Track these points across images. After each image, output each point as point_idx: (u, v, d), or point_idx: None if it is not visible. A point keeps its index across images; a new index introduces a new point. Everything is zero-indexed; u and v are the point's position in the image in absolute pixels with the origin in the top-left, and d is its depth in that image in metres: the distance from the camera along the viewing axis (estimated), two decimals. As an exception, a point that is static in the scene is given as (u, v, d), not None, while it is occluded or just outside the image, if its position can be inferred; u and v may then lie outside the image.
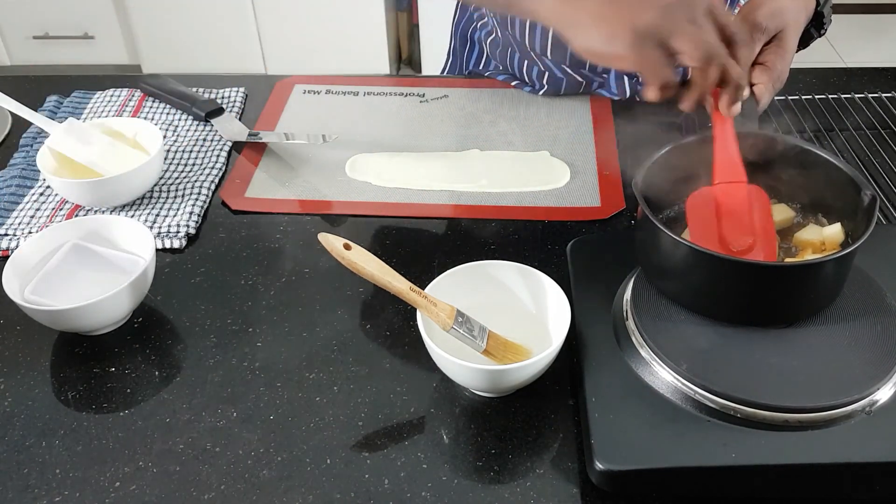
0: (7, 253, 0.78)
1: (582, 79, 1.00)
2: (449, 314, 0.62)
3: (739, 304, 0.61)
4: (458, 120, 0.99)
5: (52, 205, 0.85)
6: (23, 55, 2.81)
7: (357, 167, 0.91)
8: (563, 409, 0.63)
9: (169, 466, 0.60)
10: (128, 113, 1.01)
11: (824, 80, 1.06)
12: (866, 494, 0.57)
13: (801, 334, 0.61)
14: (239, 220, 0.84)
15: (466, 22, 1.12)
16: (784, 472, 0.55)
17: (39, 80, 1.09)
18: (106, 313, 0.68)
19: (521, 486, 0.58)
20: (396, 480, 0.58)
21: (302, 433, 0.62)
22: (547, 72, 1.00)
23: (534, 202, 0.85)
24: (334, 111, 1.02)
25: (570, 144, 0.94)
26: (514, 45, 1.02)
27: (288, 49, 2.71)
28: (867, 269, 0.65)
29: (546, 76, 1.01)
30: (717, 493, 0.56)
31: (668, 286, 0.64)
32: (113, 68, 2.82)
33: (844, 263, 0.61)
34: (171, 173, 0.90)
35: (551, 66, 0.99)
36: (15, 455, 0.61)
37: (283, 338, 0.70)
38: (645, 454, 0.55)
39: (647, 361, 0.61)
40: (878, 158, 0.88)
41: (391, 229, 0.82)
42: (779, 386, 0.57)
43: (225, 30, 2.67)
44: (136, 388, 0.66)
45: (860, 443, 0.55)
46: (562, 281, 0.66)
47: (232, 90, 1.05)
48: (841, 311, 0.62)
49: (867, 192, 0.61)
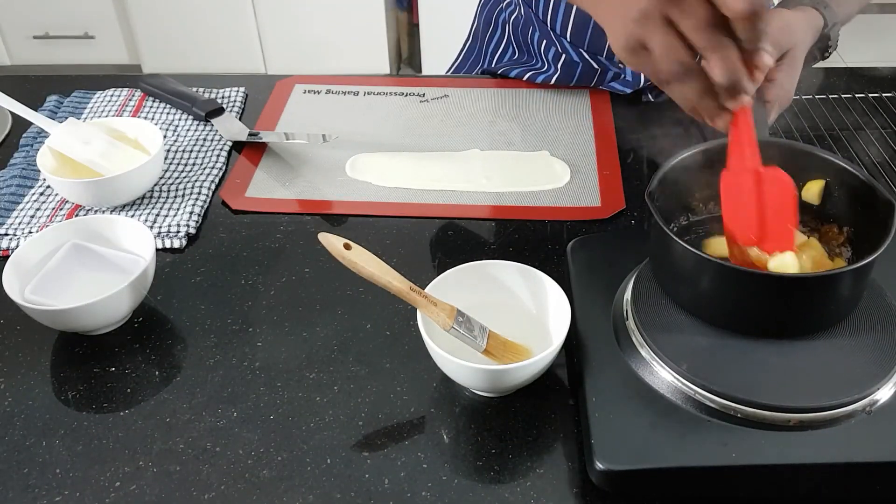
0: (7, 253, 0.78)
1: (597, 65, 1.00)
2: (449, 314, 0.62)
3: (755, 316, 0.60)
4: (458, 120, 0.99)
5: (52, 205, 0.85)
6: (23, 55, 2.81)
7: (357, 167, 0.91)
8: (563, 409, 0.63)
9: (169, 466, 0.60)
10: (128, 113, 1.01)
11: (824, 80, 1.06)
12: (866, 494, 0.56)
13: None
14: (239, 220, 0.84)
15: (493, 4, 1.13)
16: (784, 472, 0.55)
17: (39, 80, 1.09)
18: (106, 313, 0.68)
19: (521, 486, 0.58)
20: (396, 480, 0.58)
21: (302, 433, 0.62)
22: (564, 54, 1.01)
23: (534, 202, 0.85)
24: (334, 111, 1.02)
25: (570, 144, 0.94)
26: (535, 24, 1.02)
27: (288, 49, 2.71)
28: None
29: (562, 59, 1.01)
30: (718, 493, 0.56)
31: (687, 299, 0.62)
32: (113, 68, 2.83)
33: (865, 273, 0.59)
34: (171, 173, 0.90)
35: (569, 48, 1.00)
36: (15, 455, 0.61)
37: (283, 338, 0.70)
38: (645, 454, 0.55)
39: (647, 361, 0.61)
40: (878, 159, 0.88)
41: (391, 229, 0.82)
42: (779, 386, 0.57)
43: (225, 30, 2.67)
44: (136, 388, 0.66)
45: (860, 443, 0.55)
46: (562, 281, 0.66)
47: (232, 90, 1.05)
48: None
49: (884, 198, 0.60)
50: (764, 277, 0.59)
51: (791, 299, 0.58)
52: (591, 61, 1.00)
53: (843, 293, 0.59)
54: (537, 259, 0.77)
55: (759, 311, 0.60)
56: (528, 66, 1.05)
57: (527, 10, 1.03)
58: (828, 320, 0.61)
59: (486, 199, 0.86)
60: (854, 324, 0.61)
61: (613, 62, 1.00)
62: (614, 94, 1.02)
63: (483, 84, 1.07)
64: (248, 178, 0.90)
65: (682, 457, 0.55)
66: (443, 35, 2.35)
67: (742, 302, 0.60)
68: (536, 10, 1.01)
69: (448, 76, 1.14)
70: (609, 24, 0.60)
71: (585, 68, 1.00)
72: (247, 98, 1.05)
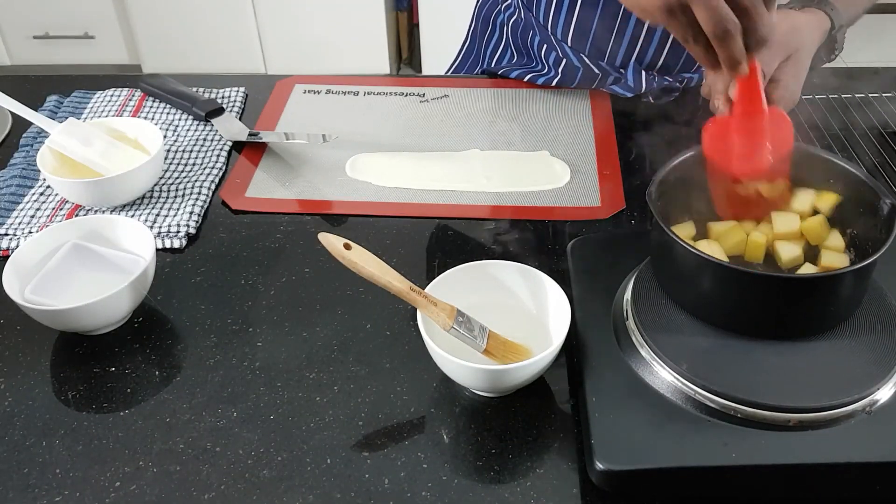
0: (7, 253, 0.78)
1: (598, 71, 1.00)
2: (449, 314, 0.62)
3: (755, 316, 0.60)
4: (458, 120, 0.99)
5: (52, 205, 0.85)
6: (23, 55, 2.81)
7: (357, 167, 0.91)
8: (563, 409, 0.63)
9: (169, 466, 0.60)
10: (128, 113, 1.01)
11: (824, 80, 1.06)
12: (866, 494, 0.56)
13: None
14: (239, 220, 0.84)
15: (491, 6, 1.12)
16: (784, 472, 0.55)
17: (39, 80, 1.09)
18: (106, 313, 0.68)
19: (521, 486, 0.58)
20: (396, 480, 0.58)
21: (302, 433, 0.62)
22: (565, 59, 1.00)
23: (534, 202, 0.85)
24: (334, 111, 1.02)
25: (570, 144, 0.94)
26: (535, 28, 1.02)
27: (288, 49, 2.71)
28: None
29: (563, 63, 1.01)
30: (718, 493, 0.56)
31: (687, 300, 0.63)
32: (113, 68, 2.83)
33: (866, 273, 0.59)
34: (171, 173, 0.90)
35: (570, 53, 1.00)
36: (15, 455, 0.61)
37: (283, 338, 0.70)
38: (645, 454, 0.55)
39: (647, 361, 0.61)
40: (878, 159, 0.88)
41: (391, 229, 0.82)
42: (779, 386, 0.57)
43: (225, 30, 2.67)
44: (136, 388, 0.66)
45: (860, 443, 0.55)
46: (562, 281, 0.66)
47: (232, 90, 1.05)
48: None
49: (886, 200, 0.60)
50: (765, 278, 0.59)
51: (792, 299, 0.58)
52: (592, 66, 1.00)
53: (845, 294, 0.59)
54: (537, 259, 0.77)
55: (759, 311, 0.60)
56: (528, 69, 1.05)
57: (527, 14, 1.03)
58: (829, 321, 0.61)
59: (487, 199, 0.86)
60: (854, 324, 0.61)
61: (615, 67, 1.00)
62: (614, 94, 1.02)
63: (483, 84, 1.07)
64: (248, 178, 0.90)
65: (682, 457, 0.55)
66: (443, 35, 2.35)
67: (742, 302, 0.60)
68: (537, 15, 1.01)
69: (448, 76, 1.14)
70: None
71: (586, 73, 1.00)
72: (247, 98, 1.05)
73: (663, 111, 0.98)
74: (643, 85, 0.97)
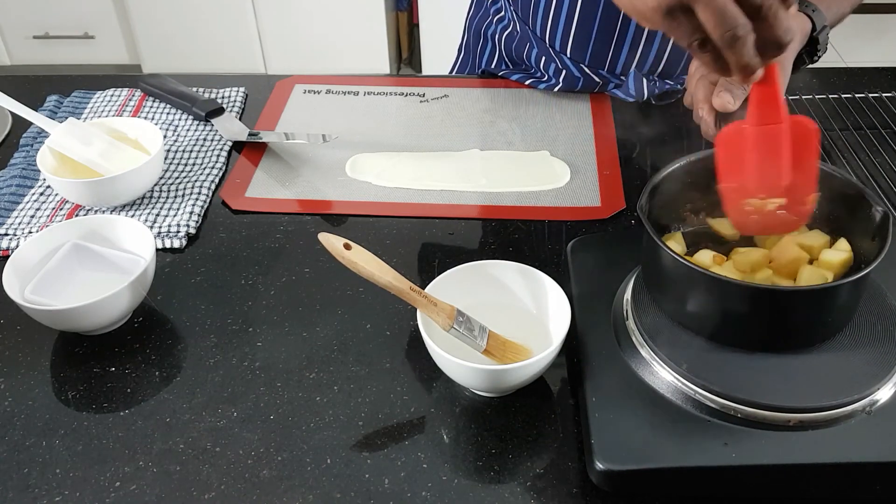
0: (7, 253, 0.78)
1: (599, 79, 1.00)
2: (449, 314, 0.62)
3: (746, 327, 0.59)
4: (457, 120, 0.99)
5: (52, 205, 0.85)
6: (23, 55, 2.81)
7: (357, 167, 0.91)
8: (563, 409, 0.63)
9: (169, 466, 0.60)
10: (128, 113, 1.01)
11: (824, 80, 1.06)
12: (866, 494, 0.56)
13: (801, 334, 0.61)
14: (239, 220, 0.84)
15: (481, 18, 1.12)
16: (784, 472, 0.55)
17: (39, 80, 1.09)
18: (106, 313, 0.68)
19: (521, 486, 0.58)
20: (396, 480, 0.58)
21: (302, 433, 0.62)
22: (564, 70, 1.00)
23: (534, 202, 0.85)
24: (334, 111, 1.02)
25: (570, 144, 0.94)
26: (532, 41, 1.02)
27: (288, 49, 2.71)
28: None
29: (563, 73, 1.01)
30: (718, 493, 0.56)
31: (680, 312, 0.62)
32: (113, 68, 2.83)
33: (860, 284, 0.59)
34: (171, 173, 0.90)
35: (569, 64, 0.99)
36: (15, 455, 0.61)
37: (283, 338, 0.70)
38: (645, 454, 0.55)
39: (647, 361, 0.61)
40: (878, 158, 0.88)
41: (391, 229, 0.82)
42: (779, 386, 0.57)
43: (225, 30, 2.67)
44: (136, 388, 0.66)
45: (860, 443, 0.55)
46: (562, 281, 0.66)
47: (232, 90, 1.05)
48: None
49: (878, 207, 0.60)
50: (756, 290, 0.58)
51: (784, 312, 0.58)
52: (592, 76, 0.99)
53: (838, 305, 0.59)
54: (537, 259, 0.77)
55: (748, 322, 0.59)
56: (528, 74, 1.05)
57: (523, 26, 1.02)
58: (822, 333, 0.60)
59: (486, 199, 0.86)
60: (854, 324, 0.61)
61: (615, 75, 1.00)
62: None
63: (483, 84, 1.07)
64: (248, 178, 0.90)
65: (682, 457, 0.55)
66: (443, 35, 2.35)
67: (731, 314, 0.59)
68: (534, 28, 0.99)
69: (448, 76, 1.14)
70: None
71: (587, 81, 1.00)
72: (247, 98, 1.05)
73: (663, 111, 0.98)
74: (644, 92, 0.97)
